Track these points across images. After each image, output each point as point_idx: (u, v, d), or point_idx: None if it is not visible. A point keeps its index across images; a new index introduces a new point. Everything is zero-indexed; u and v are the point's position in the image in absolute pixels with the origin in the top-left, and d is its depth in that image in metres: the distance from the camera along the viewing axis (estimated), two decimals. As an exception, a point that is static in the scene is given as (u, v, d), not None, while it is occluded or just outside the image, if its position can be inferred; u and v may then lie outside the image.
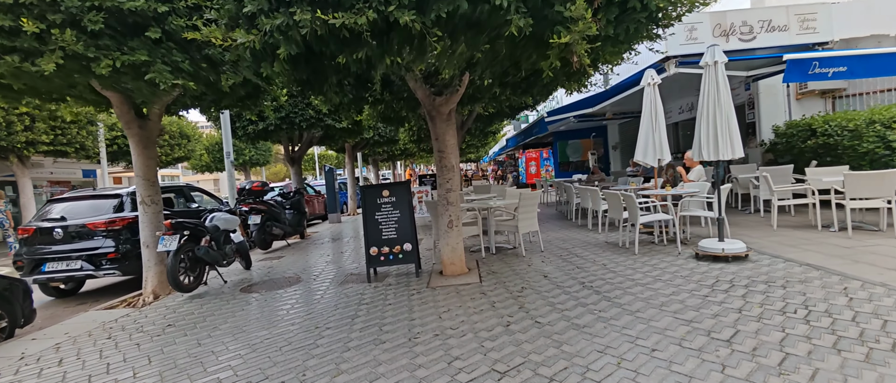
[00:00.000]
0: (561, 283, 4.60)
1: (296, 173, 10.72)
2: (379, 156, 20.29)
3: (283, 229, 8.74)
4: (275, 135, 9.17)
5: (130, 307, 5.14)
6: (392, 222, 5.49)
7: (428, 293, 4.65)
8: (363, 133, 11.22)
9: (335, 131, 9.82)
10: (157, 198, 5.53)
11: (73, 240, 6.04)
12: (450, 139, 5.18)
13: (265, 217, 8.35)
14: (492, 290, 4.54)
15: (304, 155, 11.05)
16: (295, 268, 6.65)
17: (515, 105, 7.87)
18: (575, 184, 10.38)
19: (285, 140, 10.41)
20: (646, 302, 3.79)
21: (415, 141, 14.74)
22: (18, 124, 9.84)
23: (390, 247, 5.44)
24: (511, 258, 6.05)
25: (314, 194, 14.15)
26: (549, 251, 6.32)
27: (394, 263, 5.44)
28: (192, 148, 16.85)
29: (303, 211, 9.77)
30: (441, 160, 5.20)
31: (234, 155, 22.85)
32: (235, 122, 8.68)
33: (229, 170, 7.63)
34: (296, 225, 9.46)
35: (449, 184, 5.22)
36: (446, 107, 5.02)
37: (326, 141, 11.94)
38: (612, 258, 5.56)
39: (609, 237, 6.97)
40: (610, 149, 19.58)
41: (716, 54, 5.00)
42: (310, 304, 4.62)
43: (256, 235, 8.22)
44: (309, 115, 8.83)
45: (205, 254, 5.37)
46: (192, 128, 16.92)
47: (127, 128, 5.30)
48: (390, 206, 5.52)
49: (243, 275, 6.50)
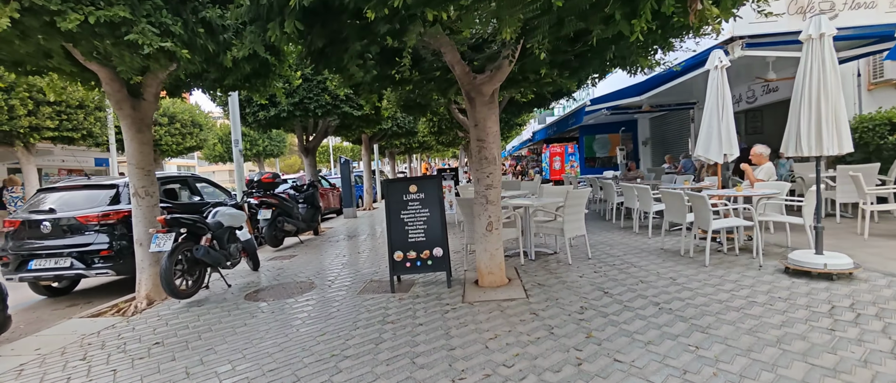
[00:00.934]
0: (629, 303, 3.75)
1: (310, 164, 10.02)
2: (395, 149, 19.56)
3: (296, 225, 8.04)
4: (288, 122, 8.45)
5: (119, 315, 4.47)
6: (420, 222, 4.70)
7: (465, 310, 3.86)
8: (382, 123, 10.46)
9: (352, 119, 9.07)
10: (152, 190, 4.83)
11: (62, 234, 5.40)
12: (491, 126, 4.36)
13: (276, 212, 7.66)
14: (544, 309, 3.73)
15: (319, 145, 10.33)
16: (308, 271, 5.92)
17: (558, 89, 6.99)
18: (612, 181, 9.46)
19: (299, 128, 9.70)
20: (753, 336, 2.93)
21: (434, 133, 13.93)
22: (21, 108, 9.33)
23: (418, 251, 4.66)
24: (555, 266, 5.22)
25: (329, 187, 13.47)
26: (597, 258, 5.47)
27: (421, 270, 4.66)
28: (205, 137, 16.33)
29: (317, 205, 9.07)
30: (480, 150, 4.38)
31: (247, 145, 22.27)
32: (245, 108, 7.98)
33: (237, 159, 6.93)
34: (309, 220, 8.77)
35: (489, 180, 4.41)
36: (489, 87, 4.20)
37: (343, 131, 11.21)
38: (677, 270, 4.69)
39: (664, 242, 6.08)
40: (639, 145, 18.50)
41: (822, 25, 4.06)
42: (325, 320, 3.86)
43: (266, 231, 7.53)
44: (324, 101, 8.08)
45: (204, 256, 4.67)
46: (204, 117, 16.39)
47: (118, 109, 4.60)
48: (418, 204, 4.73)
49: (250, 276, 5.80)
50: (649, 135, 18.12)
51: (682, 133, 15.44)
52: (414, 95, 5.76)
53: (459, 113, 9.82)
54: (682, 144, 15.34)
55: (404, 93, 5.58)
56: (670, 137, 16.67)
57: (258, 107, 7.93)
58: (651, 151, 18.19)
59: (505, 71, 4.04)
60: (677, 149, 15.78)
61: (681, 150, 15.49)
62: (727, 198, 5.61)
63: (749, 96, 11.45)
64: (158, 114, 13.95)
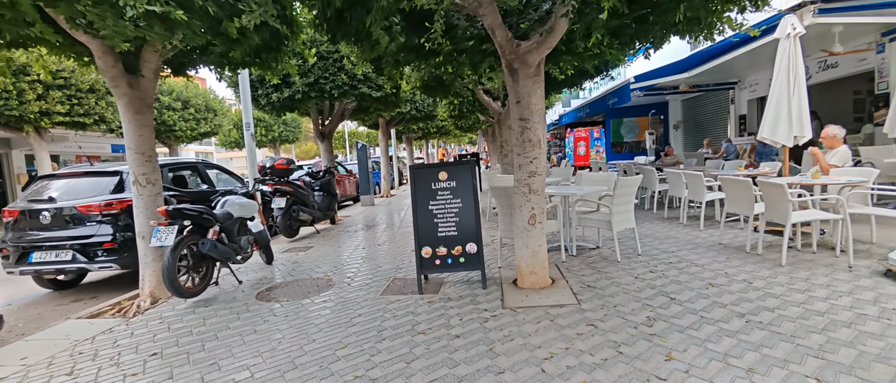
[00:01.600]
0: (705, 313, 3.14)
1: (326, 150, 9.52)
2: (413, 134, 18.98)
3: (312, 214, 7.58)
4: (302, 104, 7.93)
5: (120, 315, 4.04)
6: (451, 214, 4.13)
7: (508, 318, 3.30)
8: (401, 105, 9.87)
9: (370, 101, 8.50)
10: (154, 178, 4.36)
11: (63, 225, 5.01)
12: (537, 103, 3.73)
13: (291, 200, 7.19)
14: (602, 320, 3.14)
15: (336, 129, 9.81)
16: (325, 265, 5.44)
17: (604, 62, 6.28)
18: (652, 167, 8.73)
19: (314, 111, 9.18)
20: (882, 361, 2.30)
21: (455, 116, 13.28)
22: (30, 92, 9.03)
23: (449, 247, 4.10)
24: (601, 263, 4.61)
25: (345, 173, 13.00)
26: (649, 254, 4.84)
27: (452, 268, 4.10)
28: (219, 122, 16.01)
29: (334, 193, 8.59)
30: (523, 131, 3.76)
31: (262, 131, 21.93)
32: (257, 89, 7.47)
33: (249, 144, 6.46)
34: (326, 209, 8.30)
35: (533, 166, 3.79)
36: (535, 56, 3.56)
37: (360, 114, 10.67)
38: (748, 270, 4.04)
39: (721, 236, 5.40)
40: (670, 129, 17.53)
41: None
42: (345, 327, 3.35)
43: (280, 221, 7.08)
44: (341, 81, 7.51)
45: (211, 250, 4.20)
46: (218, 102, 16.04)
47: (113, 87, 4.12)
48: (449, 193, 4.15)
49: (263, 271, 5.35)
50: (681, 119, 17.13)
51: (719, 115, 14.46)
52: (441, 70, 5.13)
53: (484, 94, 9.17)
54: (719, 128, 14.37)
55: (429, 68, 4.97)
56: (705, 120, 15.68)
57: (271, 89, 7.42)
58: (683, 136, 17.22)
59: (558, 33, 3.39)
60: (713, 133, 14.81)
61: (717, 134, 14.53)
62: (804, 186, 4.89)
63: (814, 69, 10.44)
64: (171, 99, 13.63)
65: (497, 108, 9.07)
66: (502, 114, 8.97)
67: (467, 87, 9.54)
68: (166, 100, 13.42)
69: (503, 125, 8.97)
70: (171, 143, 14.93)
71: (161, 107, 13.36)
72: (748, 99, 12.44)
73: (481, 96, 9.03)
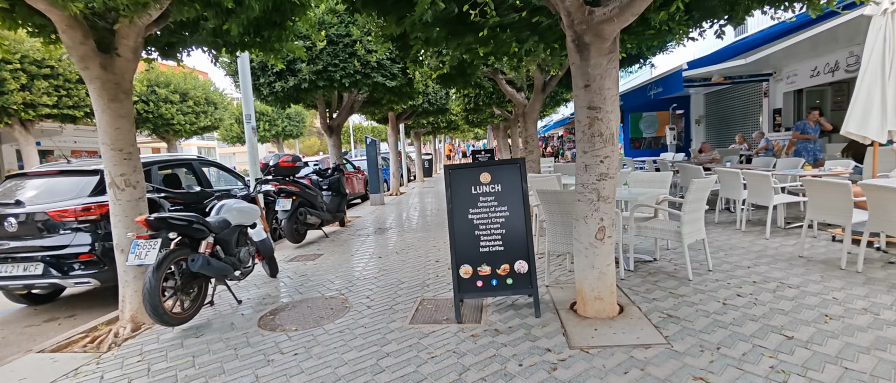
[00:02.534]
0: (848, 363, 2.38)
1: (334, 145, 8.76)
2: (422, 129, 18.21)
3: (320, 217, 6.84)
4: (309, 95, 7.15)
5: (93, 347, 3.32)
6: (496, 226, 3.38)
7: (582, 364, 2.55)
8: (414, 97, 9.10)
9: (383, 92, 7.72)
10: (135, 179, 3.62)
11: (33, 233, 4.28)
12: (610, 87, 2.96)
13: (297, 202, 6.45)
14: (711, 369, 2.39)
15: (344, 123, 9.05)
16: (338, 280, 4.70)
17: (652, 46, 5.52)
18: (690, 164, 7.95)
19: (322, 103, 8.42)
20: None
21: (470, 110, 12.48)
22: (12, 81, 8.30)
23: (494, 265, 3.35)
24: (670, 282, 3.85)
25: (353, 170, 12.26)
26: (722, 270, 4.07)
27: (498, 291, 3.35)
28: (220, 116, 15.27)
29: (343, 192, 7.84)
30: (593, 124, 2.99)
31: (265, 126, 21.09)
32: (259, 77, 6.70)
33: (250, 139, 5.70)
34: (335, 210, 7.56)
35: (604, 167, 3.03)
36: (612, 28, 2.78)
37: (369, 107, 9.90)
38: (860, 294, 3.27)
39: (801, 247, 4.61)
40: (691, 124, 16.69)
41: None
42: (372, 376, 2.61)
43: (285, 225, 6.34)
44: (353, 69, 6.74)
45: (204, 268, 3.46)
46: (219, 95, 15.29)
47: (83, 69, 3.37)
48: (493, 200, 3.40)
49: (266, 285, 4.62)
50: (703, 113, 16.29)
51: (748, 109, 13.62)
52: (472, 54, 4.35)
53: (508, 84, 8.38)
54: (748, 122, 13.54)
55: (460, 49, 4.18)
56: (730, 115, 14.84)
57: (274, 77, 6.64)
58: (705, 131, 16.39)
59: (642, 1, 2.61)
60: (741, 128, 13.99)
61: (745, 129, 13.70)
62: None
63: (850, 63, 9.61)
64: (169, 91, 12.89)
65: (521, 100, 8.29)
66: (527, 107, 8.18)
67: (488, 78, 8.76)
68: (163, 92, 12.68)
69: (528, 119, 8.19)
70: (169, 138, 14.21)
71: (158, 99, 12.63)
72: (784, 91, 11.59)
73: (504, 87, 8.25)
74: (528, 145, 8.29)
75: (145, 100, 12.56)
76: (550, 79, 7.90)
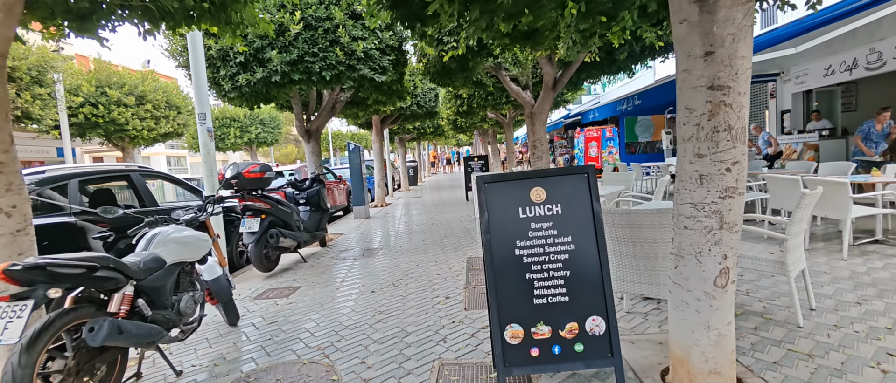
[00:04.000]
0: None
1: (313, 152, 7.57)
2: (407, 135, 17.09)
3: (296, 238, 5.64)
4: (282, 91, 5.96)
5: None
6: (557, 265, 2.31)
7: None
8: (405, 97, 8.01)
9: (371, 89, 6.60)
10: (15, 204, 2.40)
11: None
12: (744, 53, 1.93)
13: (267, 221, 5.24)
14: None
15: (324, 127, 7.87)
16: (320, 329, 3.53)
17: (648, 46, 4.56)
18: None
19: (298, 103, 7.22)
20: None
21: (462, 113, 11.46)
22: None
23: (555, 325, 2.27)
24: (775, 330, 2.85)
25: (335, 180, 11.03)
26: (829, 308, 3.10)
27: (562, 363, 2.27)
28: (184, 122, 13.79)
29: (324, 207, 6.65)
30: (716, 111, 1.95)
31: (235, 132, 19.50)
32: (218, 68, 5.47)
33: (205, 144, 4.46)
34: (314, 228, 6.36)
35: (731, 178, 1.99)
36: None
37: (353, 108, 8.74)
38: None
39: (905, 274, 3.70)
40: (688, 128, 16.08)
41: None
42: None
43: (253, 251, 5.12)
44: (335, 60, 5.60)
45: (111, 339, 2.25)
46: (183, 98, 13.82)
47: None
48: (551, 228, 2.33)
49: (221, 341, 3.41)
50: (700, 117, 15.70)
51: (751, 112, 13.02)
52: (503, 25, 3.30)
53: (512, 81, 7.39)
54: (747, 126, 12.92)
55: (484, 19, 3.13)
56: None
57: (237, 68, 5.43)
58: (702, 135, 15.79)
59: None
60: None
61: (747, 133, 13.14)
62: None
63: (872, 61, 9.02)
64: (122, 93, 11.41)
65: (527, 99, 7.29)
66: (535, 107, 7.20)
67: (490, 74, 7.75)
68: (115, 94, 11.20)
69: (536, 120, 7.20)
70: (124, 146, 12.66)
71: (109, 102, 11.14)
72: (793, 92, 11.00)
73: (508, 84, 7.25)
74: (537, 150, 7.28)
75: (94, 103, 11.06)
76: (562, 74, 6.94)
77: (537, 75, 7.88)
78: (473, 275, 4.71)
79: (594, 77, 7.52)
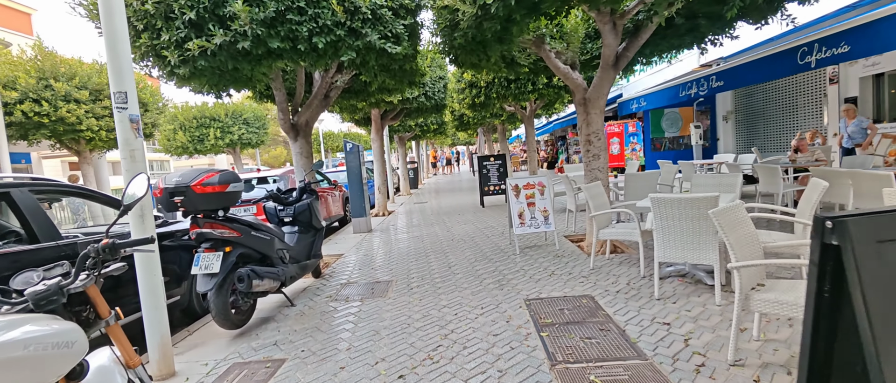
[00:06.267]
0: None
1: (300, 153, 5.86)
2: (407, 133, 15.39)
3: (279, 277, 3.91)
4: (256, 68, 4.22)
5: None
6: None
7: None
8: (416, 81, 6.34)
9: (379, 67, 4.91)
10: None
11: None
12: None
13: (236, 255, 3.53)
14: None
15: (316, 121, 6.15)
16: None
17: None
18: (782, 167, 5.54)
19: (280, 88, 5.49)
20: None
21: (479, 105, 9.79)
22: None
23: None
24: None
25: (329, 186, 9.30)
26: None
27: None
28: (153, 121, 11.94)
29: (317, 226, 4.94)
30: None
31: (216, 132, 17.28)
32: (160, 30, 3.67)
33: (125, 139, 2.77)
34: (305, 257, 4.67)
35: None
36: None
37: (351, 98, 7.03)
38: None
39: None
40: (717, 121, 14.65)
41: None
42: None
43: (214, 300, 3.40)
44: (330, 20, 3.90)
45: None
46: (151, 93, 11.96)
47: None
48: None
49: None
50: (731, 109, 14.25)
51: (798, 101, 11.53)
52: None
53: (556, 57, 5.73)
54: (799, 116, 11.45)
55: None
56: (766, 109, 12.79)
57: (185, 30, 3.64)
58: (734, 129, 14.36)
59: None
60: (784, 125, 11.96)
61: (792, 125, 11.67)
62: None
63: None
64: (72, 87, 9.55)
65: (578, 81, 5.65)
66: (590, 91, 5.57)
67: (526, 51, 6.09)
68: (63, 87, 9.34)
69: (592, 107, 5.57)
70: (80, 149, 10.78)
71: (56, 97, 9.28)
72: (861, 76, 9.52)
73: (554, 63, 5.59)
74: (592, 147, 5.65)
75: (36, 99, 9.19)
76: (626, 46, 5.32)
77: (587, 51, 6.25)
78: (553, 337, 3.06)
79: (662, 50, 5.90)
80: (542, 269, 4.85)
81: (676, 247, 3.55)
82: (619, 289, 3.97)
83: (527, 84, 8.56)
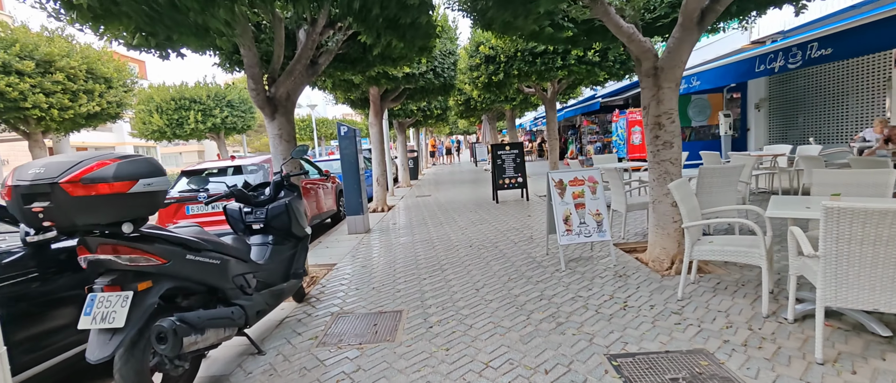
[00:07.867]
0: None
1: (279, 135, 4.47)
2: (408, 118, 13.94)
3: (234, 322, 2.56)
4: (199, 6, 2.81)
5: None
6: None
7: None
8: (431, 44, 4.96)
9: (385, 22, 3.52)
10: None
11: None
12: None
13: (158, 294, 2.17)
14: None
15: (299, 92, 4.73)
16: None
17: None
18: None
19: (249, 46, 4.07)
20: None
21: (495, 84, 8.40)
22: None
23: None
24: None
25: (320, 177, 7.91)
26: None
27: None
28: (120, 100, 10.44)
29: (299, 234, 3.58)
30: None
31: (197, 116, 15.46)
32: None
33: None
34: (281, 278, 3.33)
35: None
36: None
37: (346, 69, 5.62)
38: None
39: None
40: (748, 109, 13.37)
41: None
42: None
43: (121, 369, 2.06)
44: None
45: None
46: (117, 67, 10.44)
47: None
48: None
49: None
50: (765, 96, 12.97)
51: (848, 89, 10.24)
52: None
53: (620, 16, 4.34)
54: (844, 106, 10.17)
55: None
56: (805, 97, 11.51)
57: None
58: (767, 118, 13.09)
59: None
60: (829, 114, 10.70)
61: (836, 115, 10.41)
62: None
63: None
64: (13, 56, 8.01)
65: (647, 46, 4.28)
66: (663, 59, 4.22)
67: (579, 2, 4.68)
68: (4, 57, 7.83)
69: (664, 78, 4.23)
70: (30, 131, 9.28)
71: (-8, 67, 7.76)
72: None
73: (615, 22, 4.21)
74: (663, 132, 4.33)
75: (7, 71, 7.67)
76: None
77: (653, 7, 4.88)
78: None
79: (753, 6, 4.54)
80: (606, 297, 3.55)
81: (863, 287, 2.24)
82: (744, 340, 2.67)
83: (556, 59, 7.18)
